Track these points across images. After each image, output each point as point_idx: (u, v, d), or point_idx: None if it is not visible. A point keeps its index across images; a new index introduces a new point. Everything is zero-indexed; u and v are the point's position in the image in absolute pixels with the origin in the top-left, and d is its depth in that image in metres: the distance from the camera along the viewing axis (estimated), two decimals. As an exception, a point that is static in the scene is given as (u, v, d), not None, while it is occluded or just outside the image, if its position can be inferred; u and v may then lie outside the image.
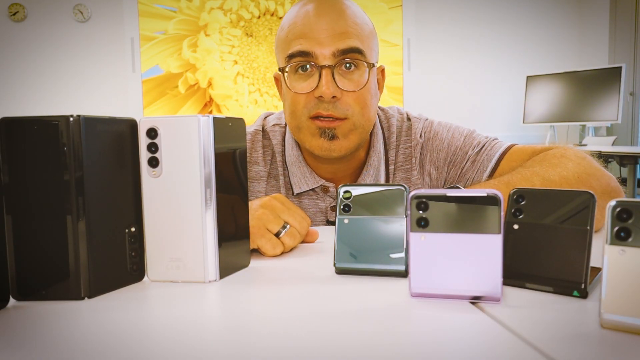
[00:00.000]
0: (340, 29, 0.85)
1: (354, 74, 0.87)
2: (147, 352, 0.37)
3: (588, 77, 3.17)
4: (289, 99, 0.89)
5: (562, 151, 0.84)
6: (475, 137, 0.97)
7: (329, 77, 0.84)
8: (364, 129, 0.90)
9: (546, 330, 0.39)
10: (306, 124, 0.88)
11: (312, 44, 0.85)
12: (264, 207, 0.67)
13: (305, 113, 0.87)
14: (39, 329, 0.42)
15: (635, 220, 0.36)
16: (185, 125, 0.52)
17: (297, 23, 0.87)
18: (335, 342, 0.38)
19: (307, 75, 0.87)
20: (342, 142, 0.87)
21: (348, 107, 0.86)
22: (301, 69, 0.87)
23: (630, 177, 2.68)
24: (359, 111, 0.87)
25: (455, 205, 0.44)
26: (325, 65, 0.84)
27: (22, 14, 3.24)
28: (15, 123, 0.47)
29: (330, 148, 0.87)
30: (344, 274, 0.56)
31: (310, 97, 0.86)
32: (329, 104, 0.85)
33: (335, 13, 0.86)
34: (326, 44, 0.84)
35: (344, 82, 0.86)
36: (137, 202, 0.53)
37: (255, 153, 0.99)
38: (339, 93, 0.85)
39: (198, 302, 0.49)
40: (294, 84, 0.88)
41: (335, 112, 0.85)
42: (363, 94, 0.87)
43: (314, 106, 0.86)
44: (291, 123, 0.91)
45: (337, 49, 0.84)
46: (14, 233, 0.48)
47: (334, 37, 0.85)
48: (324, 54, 0.84)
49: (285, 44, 0.89)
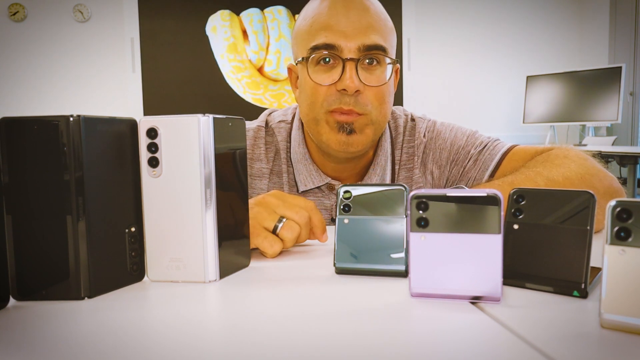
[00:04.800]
0: (366, 23, 0.85)
1: (376, 69, 0.87)
2: (147, 352, 0.37)
3: (588, 77, 3.17)
4: (309, 90, 0.88)
5: (565, 152, 0.84)
6: (478, 137, 0.98)
7: (353, 70, 0.84)
8: (380, 126, 0.90)
9: (546, 330, 0.39)
10: (324, 117, 0.87)
11: (337, 37, 0.84)
12: (259, 205, 0.65)
13: (325, 106, 0.86)
14: (39, 329, 0.42)
15: (635, 220, 0.36)
16: (185, 125, 0.52)
17: (322, 15, 0.87)
18: (335, 342, 0.38)
19: (329, 67, 0.86)
20: (359, 136, 0.87)
21: (368, 103, 0.86)
22: (323, 61, 0.86)
23: (630, 177, 2.68)
24: (377, 107, 0.87)
25: (455, 205, 0.44)
26: (349, 59, 0.84)
27: (22, 14, 3.24)
28: (15, 123, 0.47)
29: (348, 142, 0.87)
30: (344, 274, 0.56)
31: (331, 89, 0.86)
32: (350, 98, 0.84)
33: (361, 8, 0.86)
34: (352, 38, 0.84)
35: (367, 77, 0.86)
36: (137, 202, 0.53)
37: (257, 149, 0.98)
38: (362, 87, 0.85)
39: (198, 302, 0.49)
40: (315, 75, 0.87)
41: (356, 107, 0.85)
42: (383, 90, 0.87)
43: (334, 100, 0.85)
44: (308, 115, 0.90)
45: (363, 44, 0.84)
46: (14, 233, 0.48)
47: (359, 31, 0.85)
48: (350, 47, 0.84)
49: (308, 35, 0.88)
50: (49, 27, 3.28)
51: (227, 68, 3.45)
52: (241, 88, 3.47)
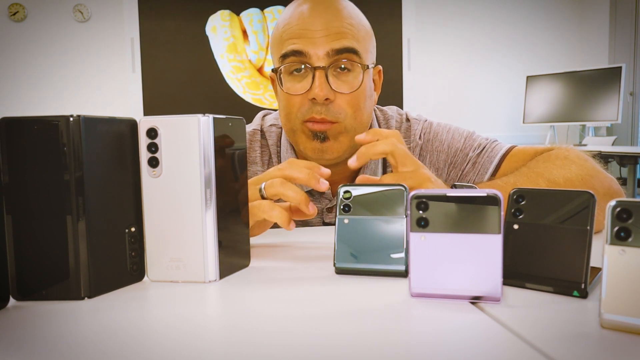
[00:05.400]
0: (335, 29, 0.84)
1: (348, 75, 0.86)
2: (147, 352, 0.37)
3: (588, 77, 3.17)
4: (283, 101, 0.89)
5: (565, 152, 0.84)
6: (476, 138, 0.97)
7: (322, 78, 0.83)
8: (356, 132, 0.88)
9: (546, 330, 0.39)
10: (300, 127, 0.87)
11: (305, 44, 0.84)
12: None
13: (299, 117, 0.86)
14: (39, 329, 0.42)
15: (635, 220, 0.36)
16: (185, 125, 0.52)
17: (292, 23, 0.86)
18: (335, 342, 0.38)
19: (301, 77, 0.86)
20: (333, 144, 0.87)
21: (340, 111, 0.85)
22: (295, 70, 0.86)
23: (630, 177, 2.68)
24: (352, 114, 0.86)
25: (455, 205, 0.44)
26: (318, 67, 0.83)
27: (22, 14, 3.24)
28: (15, 123, 0.47)
29: (323, 149, 0.87)
30: (344, 274, 0.56)
31: (304, 99, 0.85)
32: (322, 107, 0.84)
33: (331, 13, 0.85)
34: (320, 44, 0.83)
35: (338, 84, 0.85)
36: (137, 202, 0.53)
37: (253, 153, 0.99)
38: (332, 95, 0.84)
39: (198, 302, 0.49)
40: (288, 85, 0.87)
41: (327, 116, 0.84)
42: (357, 96, 0.86)
43: (307, 110, 0.85)
44: (286, 125, 0.91)
45: (332, 49, 0.83)
46: (14, 233, 0.48)
47: (328, 37, 0.84)
48: (318, 54, 0.83)
49: (279, 44, 0.88)
50: (49, 27, 3.28)
51: (227, 68, 3.45)
52: (241, 88, 3.47)
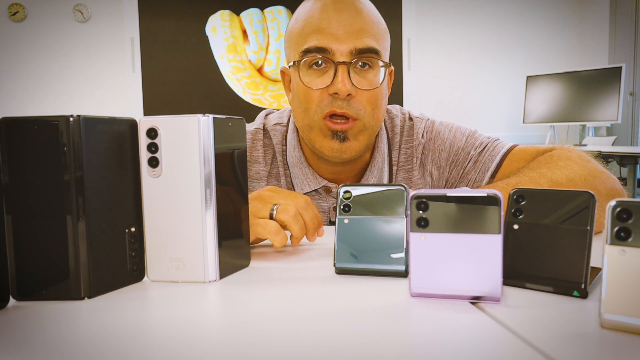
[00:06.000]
0: (358, 26, 0.84)
1: (368, 73, 0.86)
2: (147, 352, 0.37)
3: (588, 77, 3.17)
4: (301, 95, 0.88)
5: (567, 152, 0.84)
6: (478, 137, 0.97)
7: (345, 74, 0.83)
8: (373, 130, 0.89)
9: (546, 330, 0.39)
10: (319, 124, 0.86)
11: (329, 40, 0.84)
12: (253, 199, 0.66)
13: (319, 112, 0.85)
14: (39, 329, 0.42)
15: (635, 220, 0.36)
16: (185, 125, 0.52)
17: (314, 17, 0.86)
18: (335, 342, 0.38)
19: (321, 71, 0.85)
20: (352, 143, 0.86)
21: (361, 107, 0.85)
22: (315, 64, 0.86)
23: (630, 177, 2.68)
24: (370, 112, 0.86)
25: (455, 205, 0.44)
26: (341, 62, 0.83)
27: (22, 14, 3.23)
28: (15, 123, 0.47)
29: (341, 149, 0.86)
30: (344, 274, 0.56)
31: (324, 93, 0.85)
32: (343, 102, 0.84)
33: (353, 10, 0.85)
34: (344, 41, 0.83)
35: (360, 81, 0.85)
36: (137, 202, 0.53)
37: (255, 152, 0.98)
38: (354, 91, 0.84)
39: (198, 302, 0.49)
40: (307, 79, 0.86)
41: (349, 111, 0.84)
42: (376, 94, 0.87)
43: (328, 104, 0.85)
44: (303, 120, 0.89)
45: (355, 48, 0.84)
46: (14, 233, 0.48)
47: (351, 34, 0.84)
48: (342, 50, 0.83)
49: (300, 38, 0.87)
50: (49, 27, 3.28)
51: (227, 68, 3.44)
52: (241, 88, 3.47)
